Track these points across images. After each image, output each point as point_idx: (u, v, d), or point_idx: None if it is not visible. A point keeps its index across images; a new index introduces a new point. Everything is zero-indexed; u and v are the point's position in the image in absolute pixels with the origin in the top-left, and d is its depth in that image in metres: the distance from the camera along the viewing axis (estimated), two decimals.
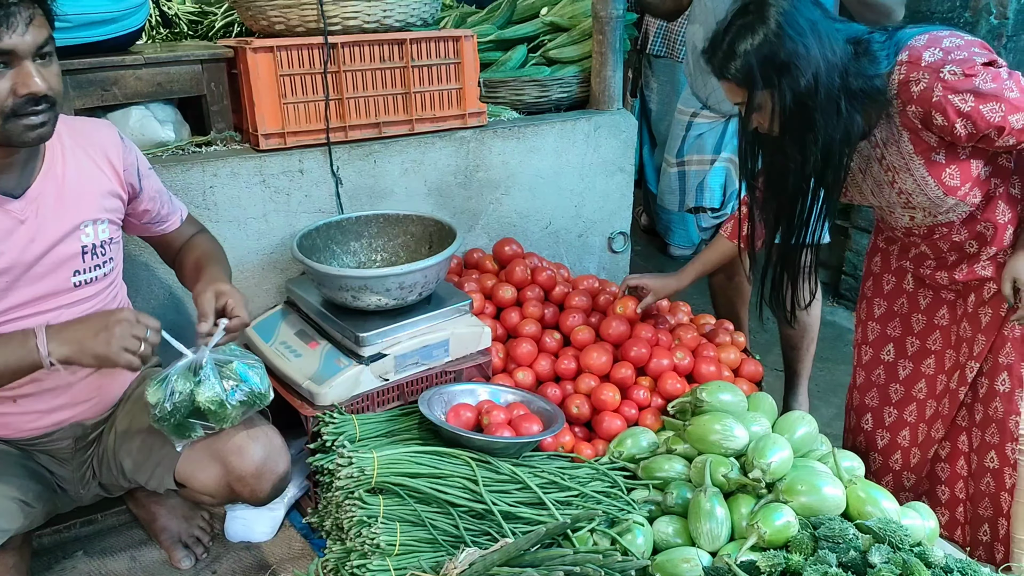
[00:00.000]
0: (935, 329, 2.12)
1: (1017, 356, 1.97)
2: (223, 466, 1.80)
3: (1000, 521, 2.07)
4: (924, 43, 1.68)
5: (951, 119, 1.66)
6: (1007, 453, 2.01)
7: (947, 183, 1.78)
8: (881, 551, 1.60)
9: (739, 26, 1.67)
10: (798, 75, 1.64)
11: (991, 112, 1.63)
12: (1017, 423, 2.00)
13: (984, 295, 1.99)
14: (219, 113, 2.34)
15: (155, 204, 1.90)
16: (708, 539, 1.80)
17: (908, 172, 1.80)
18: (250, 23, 2.38)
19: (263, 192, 2.30)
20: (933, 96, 1.65)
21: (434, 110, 2.51)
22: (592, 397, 2.24)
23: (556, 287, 2.53)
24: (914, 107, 1.70)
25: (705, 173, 2.74)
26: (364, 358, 2.06)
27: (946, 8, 3.29)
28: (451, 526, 1.83)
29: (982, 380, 2.05)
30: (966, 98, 1.63)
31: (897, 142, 1.78)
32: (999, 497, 2.05)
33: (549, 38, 2.96)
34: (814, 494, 1.81)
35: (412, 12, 2.39)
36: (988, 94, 1.63)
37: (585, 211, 2.89)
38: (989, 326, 1.99)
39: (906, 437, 2.21)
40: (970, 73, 1.62)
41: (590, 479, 1.99)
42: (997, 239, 1.89)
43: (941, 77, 1.64)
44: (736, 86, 1.71)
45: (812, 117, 1.69)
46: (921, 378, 2.17)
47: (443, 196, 2.59)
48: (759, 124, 1.77)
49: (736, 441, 1.95)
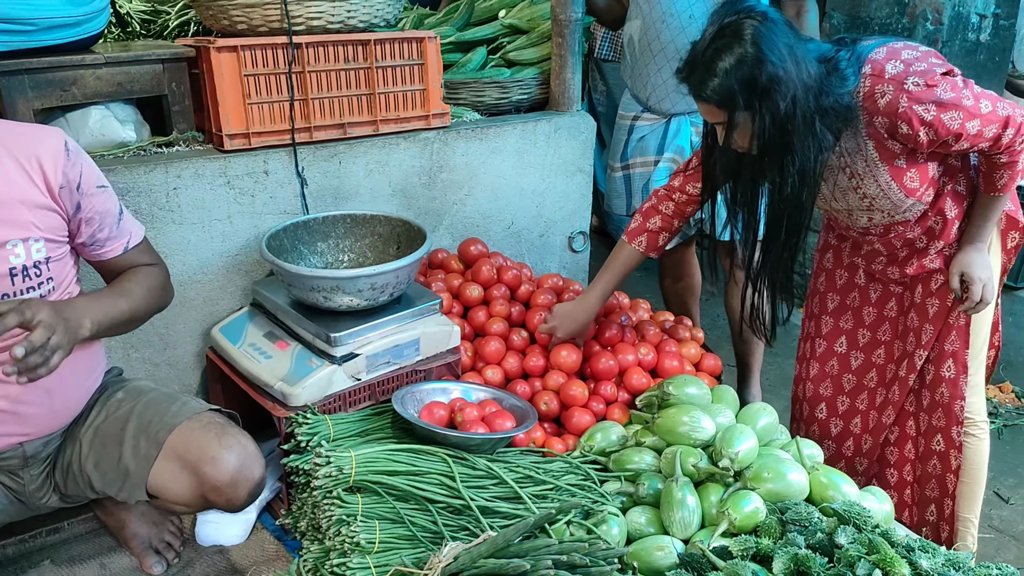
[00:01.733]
0: (885, 320, 2.21)
1: (962, 344, 2.08)
2: (196, 476, 1.78)
3: (946, 501, 2.18)
4: (884, 56, 1.76)
5: (915, 128, 1.74)
6: (953, 436, 2.12)
7: (908, 186, 1.87)
8: (847, 532, 1.67)
9: (718, 48, 1.68)
10: (778, 99, 1.67)
11: (951, 120, 1.72)
12: (962, 407, 2.11)
13: (932, 286, 2.08)
14: (181, 113, 2.31)
15: (90, 227, 1.73)
16: (680, 527, 1.86)
17: (873, 178, 1.88)
18: (210, 22, 2.36)
19: (228, 193, 2.29)
20: (899, 107, 1.73)
21: (398, 111, 2.52)
22: (560, 393, 2.29)
23: (522, 286, 2.56)
24: (881, 118, 1.77)
25: (650, 174, 2.78)
26: (336, 358, 2.07)
27: (884, 15, 3.43)
28: (430, 522, 1.85)
29: (929, 367, 2.15)
30: (929, 108, 1.72)
31: (863, 151, 1.85)
32: (945, 478, 2.17)
33: (508, 40, 3.00)
34: (780, 481, 1.89)
35: (376, 13, 2.40)
36: (948, 103, 1.71)
37: (546, 211, 2.93)
38: (936, 316, 2.09)
39: (858, 424, 2.30)
40: (932, 84, 1.70)
41: (564, 472, 2.03)
42: (945, 233, 1.99)
43: (905, 88, 1.71)
44: (715, 107, 1.72)
45: (790, 139, 1.72)
46: (872, 368, 2.26)
47: (407, 197, 2.60)
48: (739, 146, 1.79)
49: (704, 432, 2.02)
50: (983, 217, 1.95)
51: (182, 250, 2.25)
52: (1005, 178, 1.85)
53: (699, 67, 1.71)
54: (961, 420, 2.12)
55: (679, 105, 2.66)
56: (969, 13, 3.26)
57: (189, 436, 1.81)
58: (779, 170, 1.77)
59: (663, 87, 2.65)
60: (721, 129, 1.78)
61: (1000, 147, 1.78)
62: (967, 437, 2.15)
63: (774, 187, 1.82)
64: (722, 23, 1.69)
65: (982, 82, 3.47)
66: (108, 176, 2.10)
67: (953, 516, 2.19)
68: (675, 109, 2.68)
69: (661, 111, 2.72)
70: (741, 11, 1.69)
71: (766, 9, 1.71)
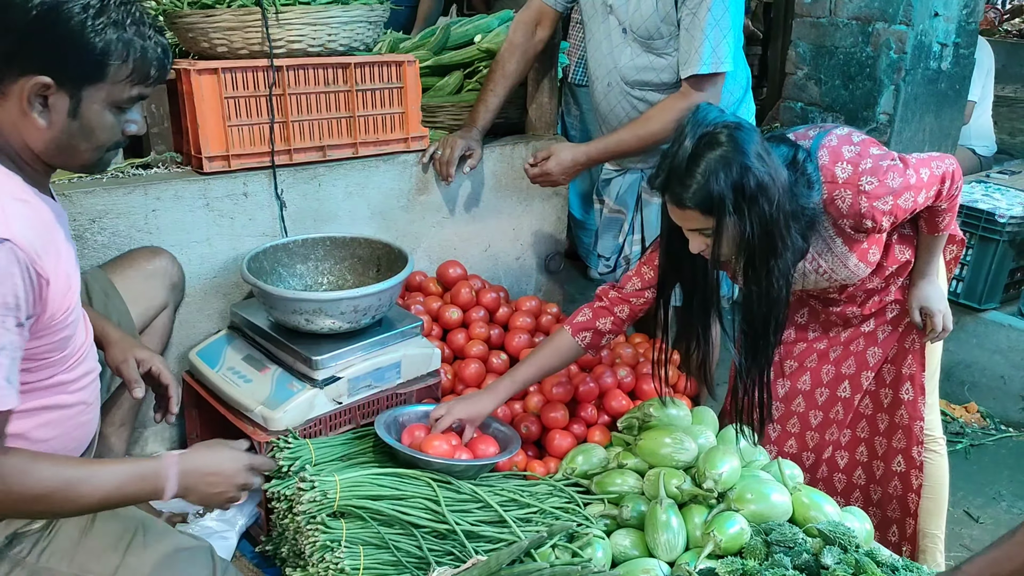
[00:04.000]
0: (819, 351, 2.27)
1: (918, 367, 2.16)
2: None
3: (908, 521, 2.24)
4: (829, 159, 1.81)
5: (879, 220, 1.81)
6: (913, 455, 2.19)
7: (870, 259, 1.96)
8: (833, 553, 1.69)
9: (698, 154, 1.65)
10: (764, 203, 1.65)
11: (905, 201, 1.81)
12: (921, 427, 2.18)
13: (887, 315, 2.16)
14: (160, 135, 2.30)
15: None
16: (666, 550, 1.87)
17: (843, 265, 1.95)
18: (189, 45, 2.35)
19: (207, 216, 2.26)
20: (861, 208, 1.79)
21: (378, 134, 2.52)
22: (541, 416, 2.29)
23: (500, 308, 2.57)
24: (845, 220, 1.84)
25: (605, 219, 2.72)
26: (318, 381, 2.05)
27: (848, 43, 3.52)
28: (415, 547, 1.83)
29: (887, 391, 2.21)
30: (887, 200, 1.79)
31: (830, 248, 1.92)
32: (906, 498, 2.23)
33: (484, 65, 3.01)
34: (763, 502, 1.90)
35: (356, 37, 2.41)
36: (900, 189, 1.79)
37: (523, 234, 2.95)
38: (886, 340, 2.17)
39: (793, 446, 2.35)
40: (882, 178, 1.78)
41: (548, 495, 2.03)
42: (903, 272, 2.08)
43: (862, 190, 1.78)
44: (699, 214, 1.68)
45: (776, 244, 1.71)
46: (799, 394, 2.32)
47: (386, 219, 2.60)
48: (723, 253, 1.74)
49: (687, 453, 2.03)
50: (930, 253, 2.04)
51: None
52: (947, 219, 1.95)
53: (680, 174, 1.66)
54: (921, 440, 2.19)
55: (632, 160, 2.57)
56: (931, 42, 3.36)
57: None
58: (765, 275, 1.75)
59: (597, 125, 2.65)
60: (700, 237, 1.73)
61: (941, 199, 1.89)
62: (928, 454, 2.21)
63: (759, 293, 1.79)
64: (698, 132, 1.67)
65: (944, 109, 3.58)
66: (87, 198, 2.08)
67: (915, 534, 2.24)
68: (636, 165, 2.58)
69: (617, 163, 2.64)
70: (715, 121, 1.68)
71: (737, 118, 1.71)
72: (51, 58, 1.28)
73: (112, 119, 1.37)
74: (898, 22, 3.34)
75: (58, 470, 1.34)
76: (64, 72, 1.29)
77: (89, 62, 1.30)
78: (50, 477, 1.32)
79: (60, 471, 1.34)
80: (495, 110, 2.68)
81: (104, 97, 1.34)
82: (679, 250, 1.84)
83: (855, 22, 3.49)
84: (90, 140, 1.37)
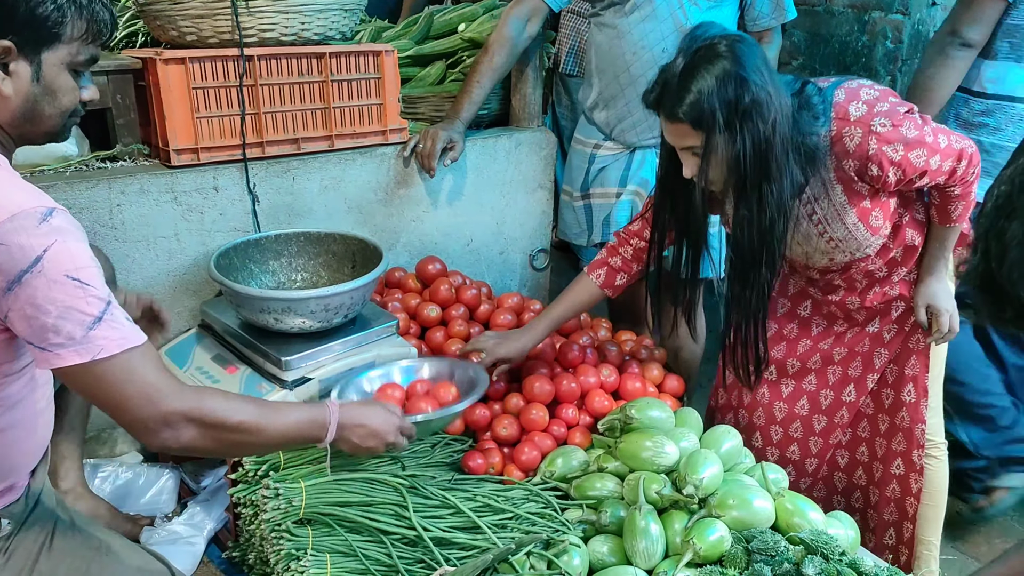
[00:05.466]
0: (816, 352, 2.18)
1: (922, 367, 2.07)
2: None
3: (905, 525, 2.16)
4: (845, 98, 1.74)
5: (885, 169, 1.72)
6: (913, 459, 2.10)
7: (873, 224, 1.86)
8: (814, 562, 1.63)
9: (694, 65, 1.61)
10: (759, 121, 1.60)
11: (917, 158, 1.71)
12: (923, 431, 2.10)
13: (892, 313, 2.06)
14: (126, 127, 2.23)
15: None
16: (644, 557, 1.80)
17: (840, 221, 1.85)
18: (158, 33, 2.28)
19: (175, 210, 2.20)
20: (869, 149, 1.70)
21: (354, 126, 2.45)
22: (521, 417, 2.22)
23: (481, 305, 2.50)
24: (851, 161, 1.75)
25: (611, 207, 2.70)
26: (287, 383, 1.99)
27: (844, 32, 3.45)
28: (384, 555, 1.77)
29: (888, 392, 2.13)
30: (897, 148, 1.70)
31: (830, 196, 1.83)
32: (904, 502, 2.15)
33: (468, 55, 2.94)
34: (745, 508, 1.84)
35: (331, 25, 2.33)
36: (913, 141, 1.70)
37: (506, 228, 2.88)
38: (892, 340, 2.07)
39: (796, 451, 2.26)
40: (897, 124, 1.69)
41: (524, 500, 1.97)
42: (908, 261, 1.98)
43: (874, 130, 1.69)
44: (690, 128, 1.64)
45: (770, 167, 1.65)
46: (803, 395, 2.22)
47: (364, 214, 2.53)
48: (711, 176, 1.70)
49: (667, 457, 1.96)
50: (941, 247, 1.94)
51: (126, 268, 2.16)
52: (959, 209, 1.85)
53: (674, 86, 1.63)
54: (922, 444, 2.11)
55: (644, 138, 2.59)
56: (928, 31, 3.28)
57: None
58: (757, 200, 1.70)
59: (630, 120, 2.59)
60: (691, 155, 1.70)
61: (954, 180, 1.79)
62: (928, 460, 2.13)
63: (750, 220, 1.73)
64: (696, 44, 1.63)
65: None
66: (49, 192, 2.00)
67: (913, 539, 2.17)
68: (640, 142, 2.61)
69: (624, 142, 2.64)
70: (715, 34, 1.63)
71: (740, 33, 1.66)
72: (8, 21, 1.30)
73: (72, 82, 1.40)
74: (895, 11, 3.27)
75: (249, 405, 1.45)
76: (23, 34, 1.31)
77: (45, 22, 1.32)
78: (246, 409, 1.43)
79: (251, 406, 1.45)
80: (479, 102, 2.61)
81: (62, 59, 1.36)
82: (674, 181, 1.83)
83: (851, 10, 3.42)
84: (54, 104, 1.38)
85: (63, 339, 1.23)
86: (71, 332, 1.23)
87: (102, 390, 1.28)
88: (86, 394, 1.34)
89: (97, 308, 1.24)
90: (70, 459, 2.00)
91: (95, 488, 2.12)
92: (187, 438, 1.35)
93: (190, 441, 1.36)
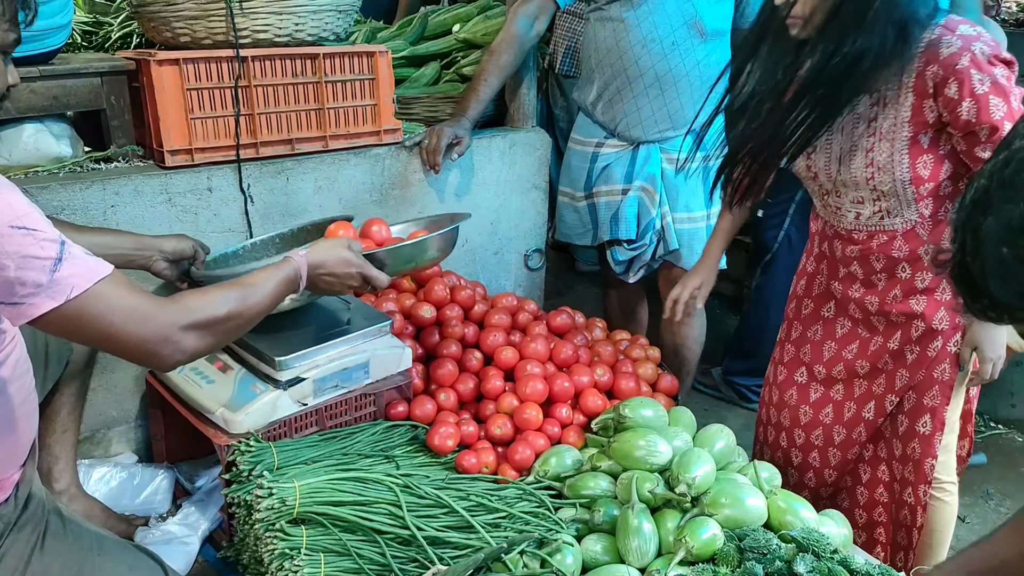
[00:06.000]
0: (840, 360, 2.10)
1: (943, 400, 1.96)
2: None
3: (911, 552, 2.10)
4: (960, 19, 1.70)
5: (963, 94, 1.66)
6: (920, 494, 2.02)
7: (918, 170, 1.78)
8: (806, 560, 1.64)
9: None
10: None
11: (995, 107, 1.65)
12: (932, 466, 2.00)
13: (912, 333, 1.95)
14: (120, 128, 2.23)
15: None
16: (637, 556, 1.81)
17: (890, 142, 1.78)
18: (152, 34, 2.28)
19: (169, 211, 2.20)
20: (959, 63, 1.65)
21: (348, 127, 2.46)
22: (515, 416, 2.23)
23: (476, 306, 2.50)
24: (936, 67, 1.68)
25: (618, 204, 2.69)
26: (281, 383, 1.99)
27: None
28: (378, 554, 1.78)
29: (903, 419, 2.03)
30: (984, 80, 1.64)
31: (896, 104, 1.76)
32: (911, 532, 2.08)
33: (462, 55, 2.96)
34: (737, 506, 1.84)
35: (325, 26, 2.34)
36: (1000, 88, 1.65)
37: (501, 228, 2.88)
38: (914, 363, 1.97)
39: (816, 459, 2.19)
40: (995, 61, 1.65)
41: (517, 499, 1.98)
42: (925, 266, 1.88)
43: (972, 49, 1.65)
44: None
45: (864, 15, 1.61)
46: (829, 403, 2.15)
47: (358, 214, 2.52)
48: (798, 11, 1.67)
49: (660, 456, 1.97)
50: None
51: None
52: None
53: None
54: (929, 480, 2.01)
55: (650, 132, 2.59)
56: None
57: None
58: (838, 39, 1.66)
59: (636, 114, 2.58)
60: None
61: None
62: (933, 500, 2.05)
63: (824, 55, 1.69)
64: None
65: None
66: (43, 193, 2.02)
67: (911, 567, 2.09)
68: (646, 136, 2.60)
69: (629, 138, 2.64)
70: None
71: None
72: None
73: (2, 66, 1.41)
74: None
75: (227, 291, 1.48)
76: None
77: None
78: (228, 297, 1.46)
79: (229, 291, 1.48)
80: (487, 101, 2.62)
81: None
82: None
83: None
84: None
85: (31, 288, 1.20)
86: (36, 279, 1.20)
87: (89, 326, 1.27)
88: (75, 337, 1.33)
89: (53, 250, 1.22)
90: (64, 460, 2.00)
91: (90, 489, 2.13)
92: (191, 345, 1.37)
93: (195, 347, 1.38)
